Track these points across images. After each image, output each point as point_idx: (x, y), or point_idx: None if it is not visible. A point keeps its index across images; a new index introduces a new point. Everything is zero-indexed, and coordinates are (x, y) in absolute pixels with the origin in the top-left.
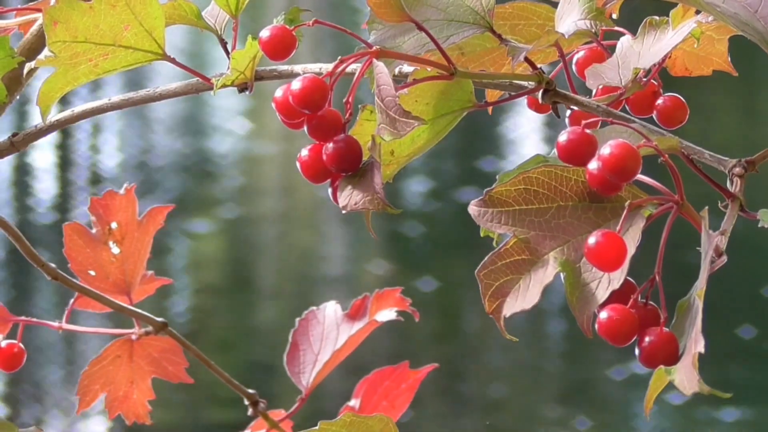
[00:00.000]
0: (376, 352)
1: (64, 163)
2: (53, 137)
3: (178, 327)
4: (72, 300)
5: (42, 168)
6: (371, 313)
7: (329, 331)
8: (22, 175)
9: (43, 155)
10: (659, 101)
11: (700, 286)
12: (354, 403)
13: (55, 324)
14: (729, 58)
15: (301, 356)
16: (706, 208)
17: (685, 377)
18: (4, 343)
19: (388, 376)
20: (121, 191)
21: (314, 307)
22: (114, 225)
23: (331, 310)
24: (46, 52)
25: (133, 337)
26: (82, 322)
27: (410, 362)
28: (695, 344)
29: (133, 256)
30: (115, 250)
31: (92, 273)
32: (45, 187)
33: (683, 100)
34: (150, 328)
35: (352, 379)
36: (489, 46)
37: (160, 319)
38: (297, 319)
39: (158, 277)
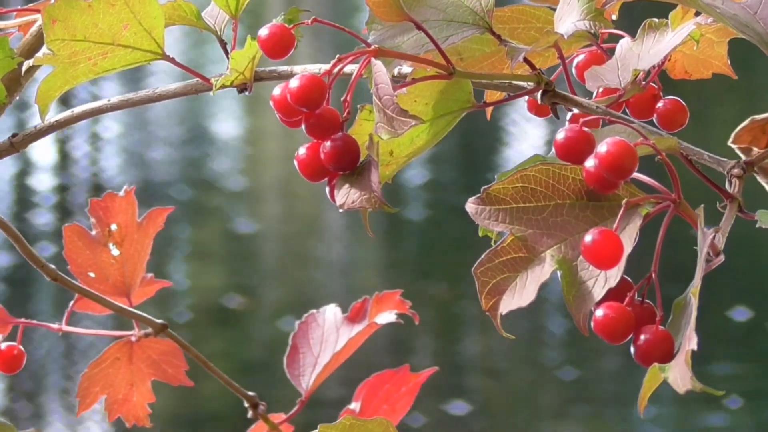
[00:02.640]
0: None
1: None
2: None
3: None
4: (72, 302)
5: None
6: (371, 316)
7: (329, 334)
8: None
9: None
10: (659, 104)
11: (696, 284)
12: (354, 406)
13: (55, 326)
14: (729, 61)
15: (301, 359)
16: (702, 206)
17: (679, 375)
18: (4, 345)
19: (389, 379)
20: (121, 193)
21: (314, 310)
22: (114, 227)
23: (330, 313)
24: (44, 50)
25: (133, 338)
26: (82, 325)
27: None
28: (689, 342)
29: (132, 257)
30: (115, 252)
31: (92, 275)
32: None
33: (683, 103)
34: (150, 330)
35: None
36: (488, 51)
37: (159, 321)
38: (297, 322)
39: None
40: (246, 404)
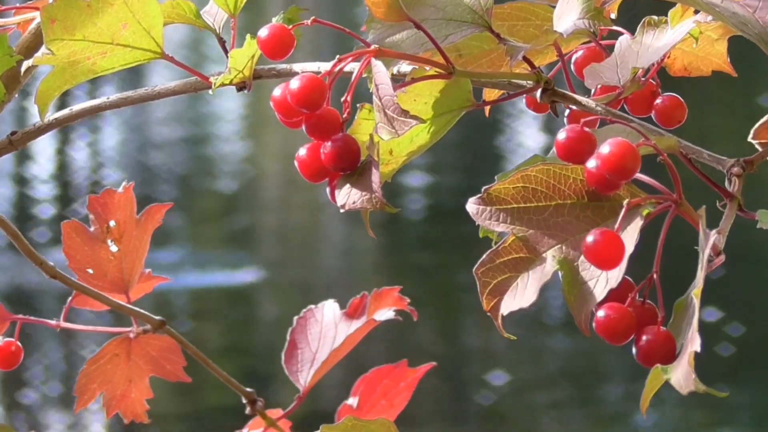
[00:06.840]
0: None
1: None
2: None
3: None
4: (70, 298)
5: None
6: (369, 312)
7: (327, 330)
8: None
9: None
10: (658, 101)
11: (698, 285)
12: (352, 401)
13: (53, 322)
14: (728, 59)
15: (299, 355)
16: (704, 207)
17: (682, 376)
18: (1, 342)
19: (387, 374)
20: (120, 189)
21: (312, 306)
22: (112, 223)
23: (329, 309)
24: (43, 50)
25: (131, 335)
26: (80, 321)
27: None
28: (691, 343)
29: (131, 254)
30: (114, 248)
31: (90, 271)
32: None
33: (682, 99)
34: (148, 326)
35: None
36: (487, 48)
37: (158, 318)
38: (295, 318)
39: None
40: (244, 400)
